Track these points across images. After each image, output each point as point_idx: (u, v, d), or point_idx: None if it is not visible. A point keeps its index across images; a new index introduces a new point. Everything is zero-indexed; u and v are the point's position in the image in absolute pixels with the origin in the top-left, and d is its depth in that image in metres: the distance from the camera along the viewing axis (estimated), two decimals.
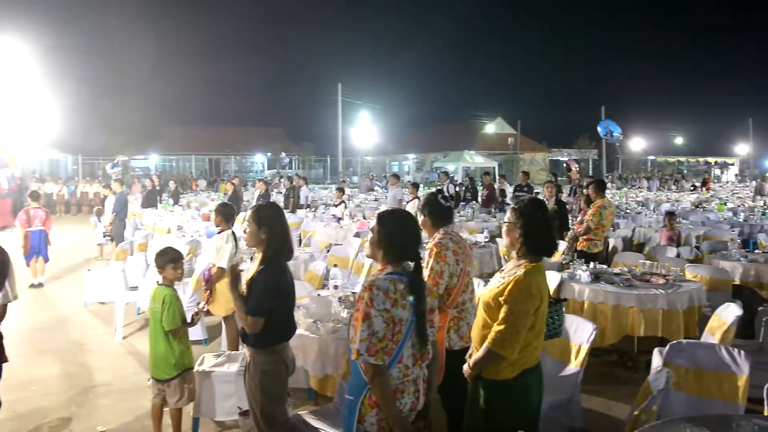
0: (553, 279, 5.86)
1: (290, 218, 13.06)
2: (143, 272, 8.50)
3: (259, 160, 56.25)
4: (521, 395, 2.92)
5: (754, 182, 36.68)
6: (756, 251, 7.61)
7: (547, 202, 9.63)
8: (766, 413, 2.89)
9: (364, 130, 45.97)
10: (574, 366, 4.16)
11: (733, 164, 55.31)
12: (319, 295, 4.91)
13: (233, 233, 5.82)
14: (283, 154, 48.74)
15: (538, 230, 2.94)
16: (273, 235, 3.32)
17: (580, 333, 4.20)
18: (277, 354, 3.27)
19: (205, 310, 5.81)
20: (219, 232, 5.89)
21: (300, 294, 5.23)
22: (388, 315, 2.51)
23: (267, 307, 3.21)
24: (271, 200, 15.69)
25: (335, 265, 6.22)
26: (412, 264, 2.66)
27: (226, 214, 5.96)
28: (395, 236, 2.69)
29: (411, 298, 2.58)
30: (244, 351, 3.53)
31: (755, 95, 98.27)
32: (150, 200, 16.10)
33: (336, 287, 5.08)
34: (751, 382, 3.35)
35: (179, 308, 4.27)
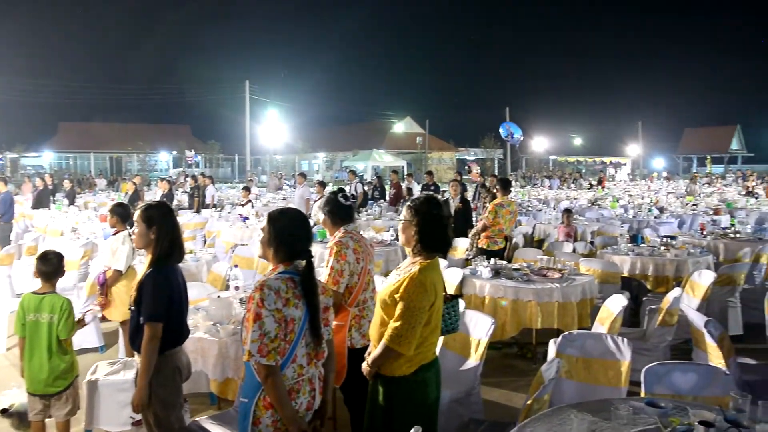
0: (455, 275, 6.00)
1: (195, 218, 12.68)
2: (32, 278, 7.95)
3: (163, 158, 54.23)
4: (419, 391, 2.96)
5: (643, 181, 39.32)
6: (642, 245, 8.10)
7: (452, 201, 9.86)
8: (642, 395, 3.09)
9: (272, 128, 45.34)
10: (474, 360, 4.27)
11: (625, 164, 59.10)
12: (219, 296, 4.77)
13: (130, 234, 5.56)
14: (193, 152, 47.20)
15: (433, 228, 2.97)
16: (161, 235, 3.20)
17: (480, 327, 4.31)
18: (169, 359, 3.15)
19: (100, 316, 5.53)
20: (114, 234, 5.62)
21: (201, 296, 5.09)
22: (279, 315, 2.48)
23: (162, 311, 3.08)
24: (173, 200, 15.18)
25: (236, 266, 6.06)
26: (303, 262, 2.64)
27: (122, 214, 5.68)
28: (285, 235, 2.66)
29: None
30: (135, 357, 3.38)
31: (645, 100, 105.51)
32: (41, 200, 15.15)
33: (237, 288, 4.96)
34: (633, 366, 3.57)
35: None
